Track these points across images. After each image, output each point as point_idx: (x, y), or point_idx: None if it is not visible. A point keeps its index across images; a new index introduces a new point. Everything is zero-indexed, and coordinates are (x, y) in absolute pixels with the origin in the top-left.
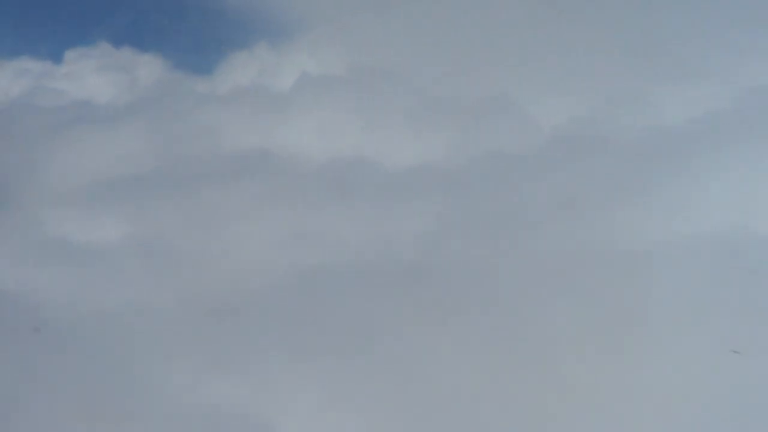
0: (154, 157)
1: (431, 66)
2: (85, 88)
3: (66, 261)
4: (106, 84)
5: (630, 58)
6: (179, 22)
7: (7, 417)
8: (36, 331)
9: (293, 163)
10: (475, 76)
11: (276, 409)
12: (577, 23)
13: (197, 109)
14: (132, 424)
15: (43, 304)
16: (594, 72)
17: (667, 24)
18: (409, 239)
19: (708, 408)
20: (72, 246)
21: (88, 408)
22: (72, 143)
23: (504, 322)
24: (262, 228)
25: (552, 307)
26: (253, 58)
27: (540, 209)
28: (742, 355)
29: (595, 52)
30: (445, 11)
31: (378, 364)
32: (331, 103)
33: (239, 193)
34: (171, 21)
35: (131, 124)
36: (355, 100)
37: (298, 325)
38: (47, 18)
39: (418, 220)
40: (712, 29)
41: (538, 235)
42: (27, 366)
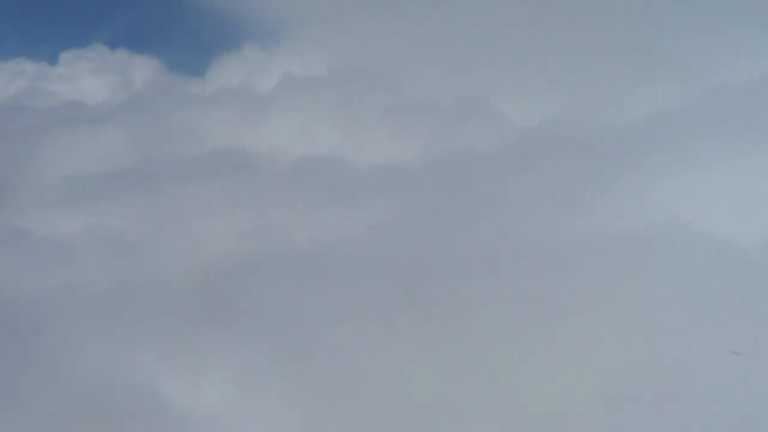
0: (136, 156)
1: (411, 68)
2: (78, 90)
3: (24, 251)
4: (99, 85)
5: (603, 60)
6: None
7: None
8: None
9: (268, 161)
10: (454, 78)
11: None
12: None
13: (182, 109)
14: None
15: None
16: (568, 74)
17: (634, 28)
18: (364, 234)
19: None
20: (33, 237)
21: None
22: (57, 143)
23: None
24: (225, 221)
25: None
26: (242, 60)
27: (497, 205)
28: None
29: (569, 55)
30: (426, 16)
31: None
32: (311, 104)
33: (211, 189)
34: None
35: (118, 124)
36: (335, 100)
37: (235, 310)
38: (43, 20)
39: (376, 216)
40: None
41: (490, 230)
42: None
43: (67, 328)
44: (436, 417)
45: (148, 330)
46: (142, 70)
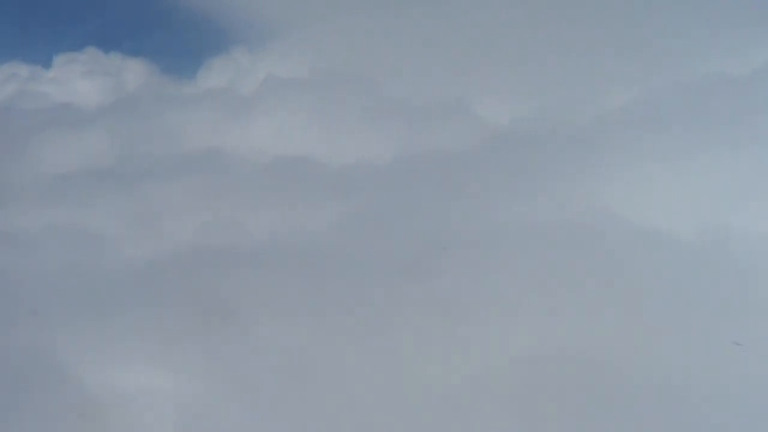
0: (116, 155)
1: (389, 70)
2: (70, 92)
3: None
4: (90, 87)
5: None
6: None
7: None
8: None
9: (243, 161)
10: (431, 80)
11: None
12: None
13: (167, 110)
14: None
15: None
16: (540, 74)
17: (604, 29)
18: (321, 230)
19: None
20: None
21: None
22: (42, 143)
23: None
24: (189, 217)
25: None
26: (231, 62)
27: (452, 201)
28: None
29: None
30: (405, 19)
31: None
32: (291, 105)
33: (182, 187)
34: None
35: (104, 125)
36: (314, 101)
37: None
38: (38, 24)
39: (336, 213)
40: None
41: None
42: None
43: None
44: (368, 404)
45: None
46: (135, 72)
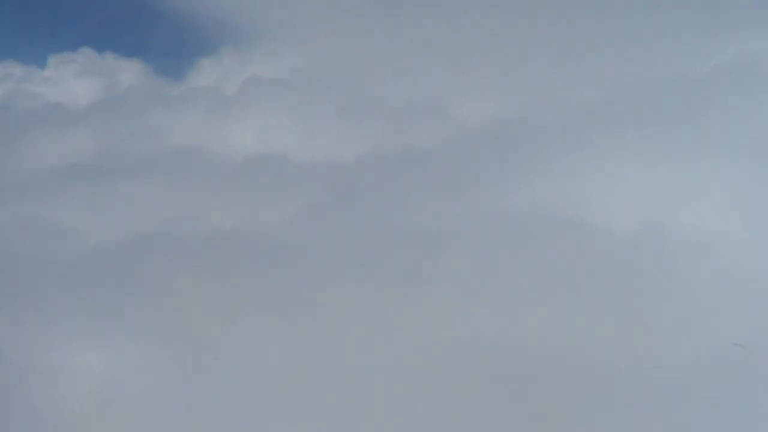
0: (97, 153)
1: (369, 70)
2: (62, 92)
3: None
4: (82, 87)
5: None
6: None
7: None
8: None
9: (219, 158)
10: (408, 80)
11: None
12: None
13: (153, 110)
14: None
15: None
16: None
17: (568, 34)
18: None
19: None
20: None
21: None
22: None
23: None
24: (155, 211)
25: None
26: (219, 63)
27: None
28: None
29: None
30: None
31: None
32: (270, 104)
33: (156, 183)
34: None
35: (90, 124)
36: (294, 101)
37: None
38: (33, 24)
39: (298, 208)
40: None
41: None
42: None
43: None
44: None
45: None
46: (127, 73)
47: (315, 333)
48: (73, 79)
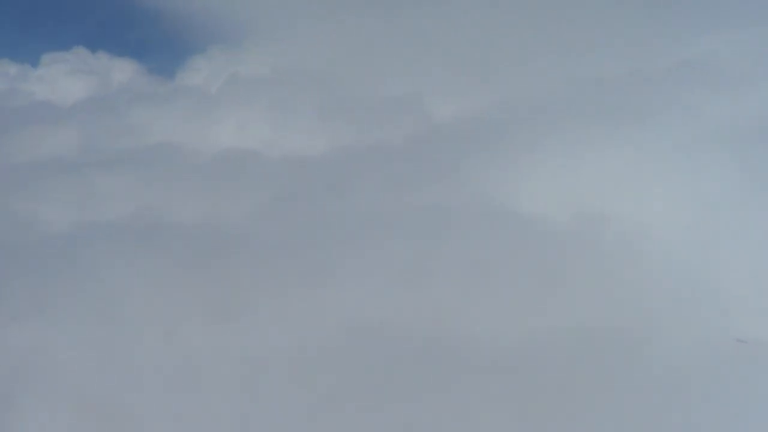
0: (78, 148)
1: (348, 69)
2: (52, 90)
3: None
4: (72, 86)
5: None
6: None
7: None
8: None
9: (193, 153)
10: (386, 79)
11: None
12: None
13: (138, 107)
14: None
15: None
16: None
17: (532, 33)
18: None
19: None
20: None
21: None
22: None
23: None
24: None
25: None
26: (207, 62)
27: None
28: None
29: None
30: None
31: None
32: (249, 101)
33: (128, 177)
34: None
35: (75, 120)
36: (273, 98)
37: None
38: (28, 24)
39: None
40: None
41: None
42: None
43: None
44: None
45: None
46: (120, 72)
47: (234, 316)
48: (65, 77)
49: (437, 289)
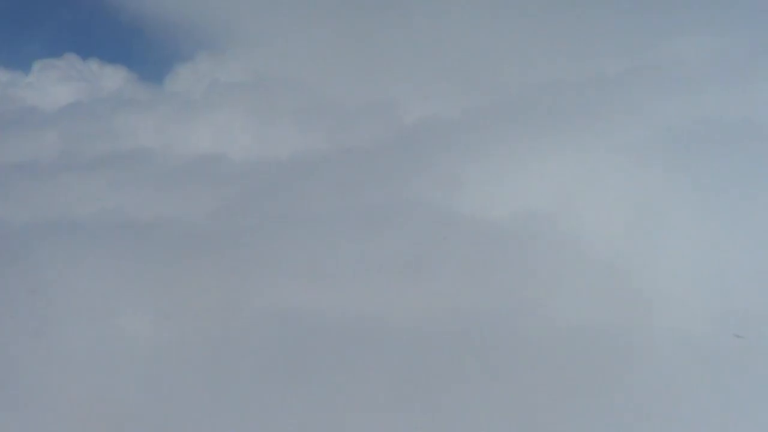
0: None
1: (328, 75)
2: (40, 96)
3: None
4: (61, 92)
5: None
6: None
7: None
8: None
9: (163, 158)
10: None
11: None
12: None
13: (120, 113)
14: None
15: None
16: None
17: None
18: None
19: None
20: None
21: None
22: None
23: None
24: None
25: None
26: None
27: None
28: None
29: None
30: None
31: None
32: (228, 107)
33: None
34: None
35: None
36: (251, 103)
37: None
38: (19, 31)
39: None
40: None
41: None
42: None
43: None
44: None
45: None
46: (110, 79)
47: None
48: (55, 84)
49: (363, 281)
